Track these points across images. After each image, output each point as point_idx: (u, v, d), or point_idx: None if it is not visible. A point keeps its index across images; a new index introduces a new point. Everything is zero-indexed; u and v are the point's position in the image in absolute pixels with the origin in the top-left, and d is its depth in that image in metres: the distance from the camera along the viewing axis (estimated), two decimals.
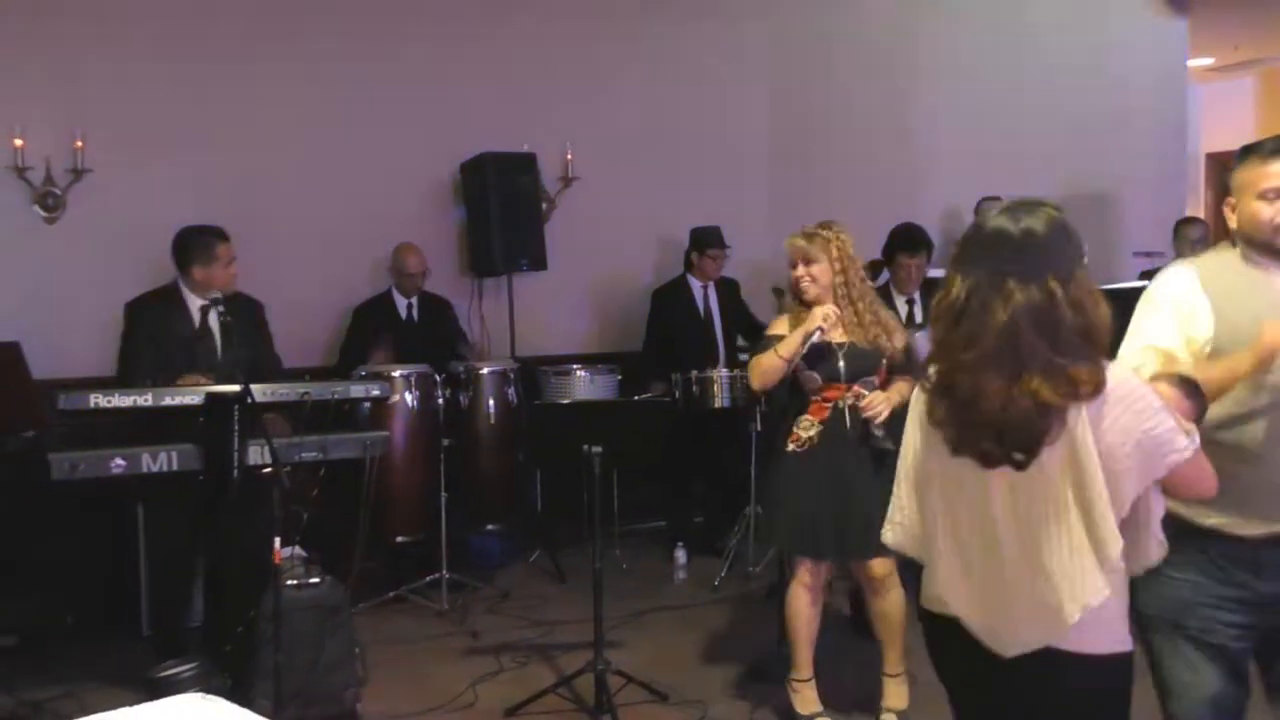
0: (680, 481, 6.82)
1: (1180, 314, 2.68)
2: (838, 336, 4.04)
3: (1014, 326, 2.14)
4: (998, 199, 6.88)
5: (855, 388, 4.04)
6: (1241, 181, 2.72)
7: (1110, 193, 8.22)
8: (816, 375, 4.04)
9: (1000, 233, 2.21)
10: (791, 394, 4.16)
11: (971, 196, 7.31)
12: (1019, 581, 2.23)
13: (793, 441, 4.07)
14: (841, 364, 4.02)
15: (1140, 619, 2.67)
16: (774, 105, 7.65)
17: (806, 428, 4.06)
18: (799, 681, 4.21)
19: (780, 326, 4.16)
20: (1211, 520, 2.61)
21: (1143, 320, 2.73)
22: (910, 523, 2.45)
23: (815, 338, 3.94)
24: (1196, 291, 2.69)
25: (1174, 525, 2.45)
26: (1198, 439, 2.25)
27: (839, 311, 4.01)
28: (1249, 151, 2.74)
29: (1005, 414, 2.15)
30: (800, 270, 4.06)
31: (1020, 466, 2.18)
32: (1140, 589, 2.51)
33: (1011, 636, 2.26)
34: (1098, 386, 2.13)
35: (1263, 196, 2.65)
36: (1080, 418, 2.14)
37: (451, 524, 5.76)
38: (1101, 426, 2.15)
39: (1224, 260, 2.76)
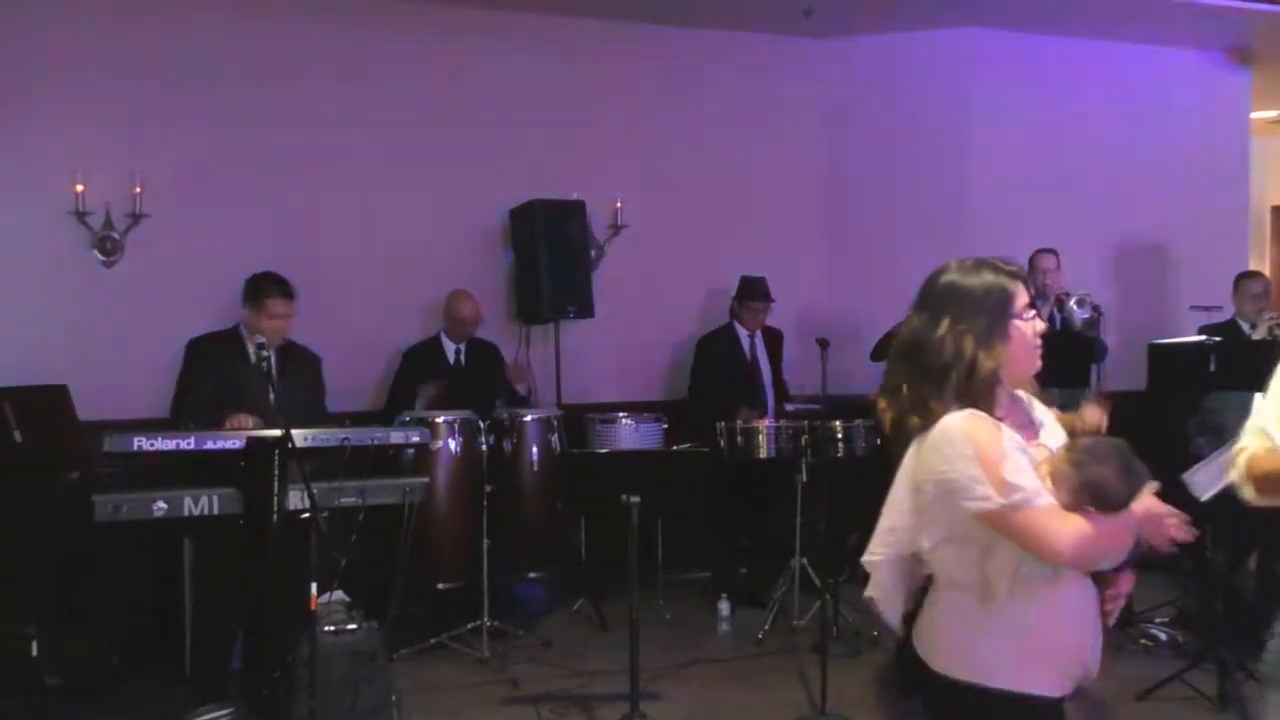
0: (725, 532, 6.76)
1: None
2: None
3: (895, 349, 2.40)
4: (1053, 251, 6.79)
5: None
6: None
7: (1169, 245, 8.08)
8: None
9: (929, 277, 2.43)
10: None
11: (1026, 249, 7.22)
12: None
13: None
14: None
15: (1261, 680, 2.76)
16: (826, 157, 7.65)
17: None
18: None
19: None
20: None
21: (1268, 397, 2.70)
22: None
23: None
24: None
25: None
26: (1028, 497, 2.17)
27: None
28: None
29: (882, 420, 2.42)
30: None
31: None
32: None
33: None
34: (925, 423, 2.29)
35: None
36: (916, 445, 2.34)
37: (494, 571, 5.74)
38: (918, 459, 2.32)
39: None
